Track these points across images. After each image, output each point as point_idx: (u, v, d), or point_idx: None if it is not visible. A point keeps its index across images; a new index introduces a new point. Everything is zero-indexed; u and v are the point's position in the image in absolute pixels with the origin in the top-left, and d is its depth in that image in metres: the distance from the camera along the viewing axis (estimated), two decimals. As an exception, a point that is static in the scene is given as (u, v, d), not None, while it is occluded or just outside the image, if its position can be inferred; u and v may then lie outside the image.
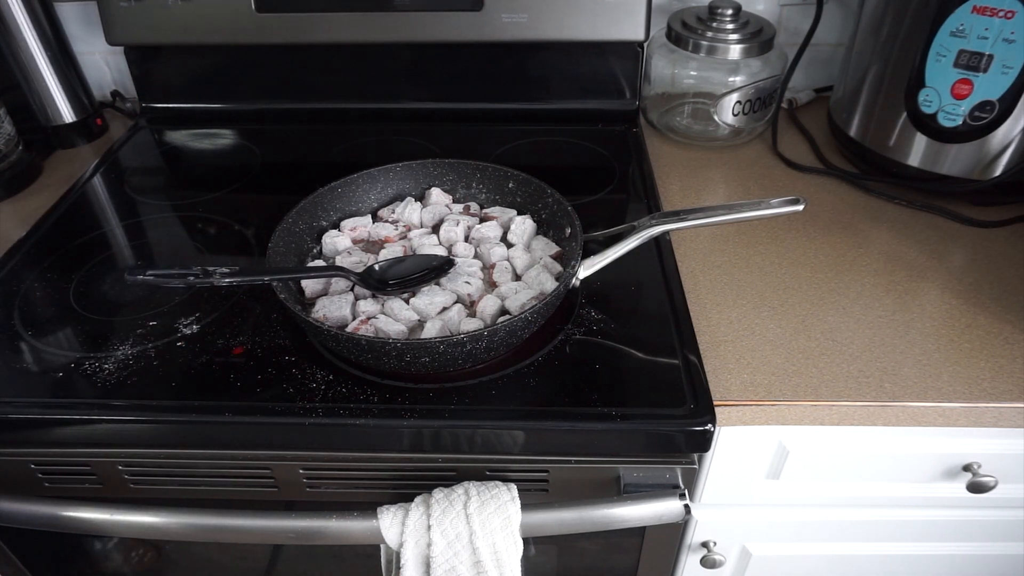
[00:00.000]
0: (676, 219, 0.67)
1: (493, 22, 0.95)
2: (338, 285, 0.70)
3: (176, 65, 1.06)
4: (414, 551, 0.61)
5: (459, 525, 0.60)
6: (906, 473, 0.72)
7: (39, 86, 1.00)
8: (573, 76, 1.03)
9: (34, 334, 0.70)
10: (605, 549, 0.77)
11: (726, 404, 0.63)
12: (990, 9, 0.73)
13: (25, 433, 0.65)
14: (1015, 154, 0.79)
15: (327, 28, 0.97)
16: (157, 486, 0.69)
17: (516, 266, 0.72)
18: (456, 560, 0.61)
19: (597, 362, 0.65)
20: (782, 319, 0.71)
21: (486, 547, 0.60)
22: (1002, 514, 0.76)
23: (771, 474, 0.72)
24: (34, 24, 0.96)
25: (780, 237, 0.82)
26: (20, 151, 0.96)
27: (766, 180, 0.93)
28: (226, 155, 1.01)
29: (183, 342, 0.68)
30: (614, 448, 0.63)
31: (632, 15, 0.94)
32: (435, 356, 0.59)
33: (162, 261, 0.82)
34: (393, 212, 0.80)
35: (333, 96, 1.06)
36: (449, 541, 0.60)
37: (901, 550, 0.81)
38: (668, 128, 1.03)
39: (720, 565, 0.77)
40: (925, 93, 0.80)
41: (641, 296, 0.72)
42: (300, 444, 0.64)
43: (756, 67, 0.94)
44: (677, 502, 0.63)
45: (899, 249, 0.80)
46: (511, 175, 0.79)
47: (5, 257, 0.81)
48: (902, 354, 0.67)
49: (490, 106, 1.05)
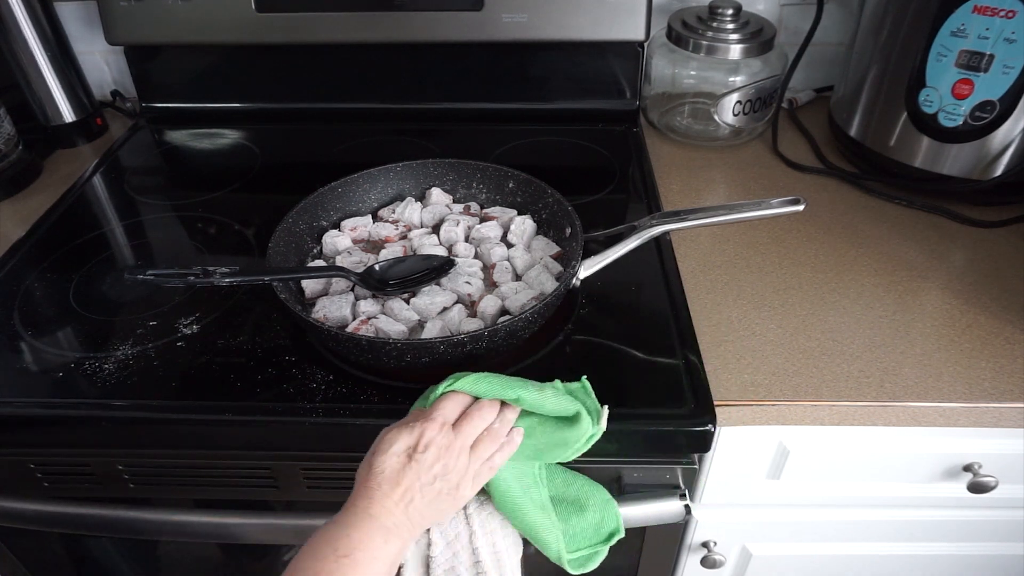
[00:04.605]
0: (676, 219, 0.67)
1: (493, 22, 0.95)
2: (338, 285, 0.70)
3: (176, 65, 1.06)
4: (414, 551, 0.61)
5: (458, 525, 0.60)
6: (906, 473, 0.72)
7: (39, 86, 1.00)
8: (573, 76, 1.03)
9: (34, 334, 0.70)
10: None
11: (726, 404, 0.63)
12: (991, 9, 0.73)
13: (25, 433, 0.65)
14: (1016, 154, 0.79)
15: (327, 28, 0.97)
16: (157, 486, 0.69)
17: (516, 266, 0.71)
18: (456, 560, 0.61)
19: (597, 362, 0.65)
20: (782, 319, 0.71)
21: (486, 547, 0.60)
22: (1002, 514, 0.76)
23: (771, 474, 0.72)
24: (34, 24, 0.96)
25: (780, 237, 0.82)
26: (20, 151, 0.96)
27: (766, 180, 0.93)
28: (226, 155, 1.01)
29: (183, 342, 0.68)
30: (614, 448, 0.63)
31: (632, 15, 0.94)
32: (435, 356, 0.59)
33: (162, 261, 0.82)
34: (393, 212, 0.80)
35: (333, 96, 1.06)
36: (448, 541, 0.60)
37: (901, 550, 0.81)
38: (668, 128, 1.02)
39: (720, 565, 0.77)
40: (926, 93, 0.80)
41: (641, 296, 0.72)
42: (300, 444, 0.64)
43: (756, 67, 0.94)
44: (677, 502, 0.63)
45: (899, 249, 0.80)
46: (511, 175, 0.79)
47: (5, 257, 0.81)
48: (902, 354, 0.67)
49: (490, 106, 1.05)
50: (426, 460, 0.51)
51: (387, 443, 0.52)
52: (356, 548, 0.48)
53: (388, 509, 0.50)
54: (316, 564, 0.47)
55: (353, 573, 0.47)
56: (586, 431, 0.56)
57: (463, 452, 0.53)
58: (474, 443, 0.54)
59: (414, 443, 0.52)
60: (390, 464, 0.51)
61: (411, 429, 0.52)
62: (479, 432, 0.55)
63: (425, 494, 0.51)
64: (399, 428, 0.52)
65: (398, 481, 0.51)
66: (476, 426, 0.55)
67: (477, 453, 0.54)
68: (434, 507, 0.52)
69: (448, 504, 0.53)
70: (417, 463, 0.51)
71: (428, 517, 0.53)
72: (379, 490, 0.50)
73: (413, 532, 0.52)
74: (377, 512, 0.50)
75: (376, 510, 0.50)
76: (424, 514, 0.52)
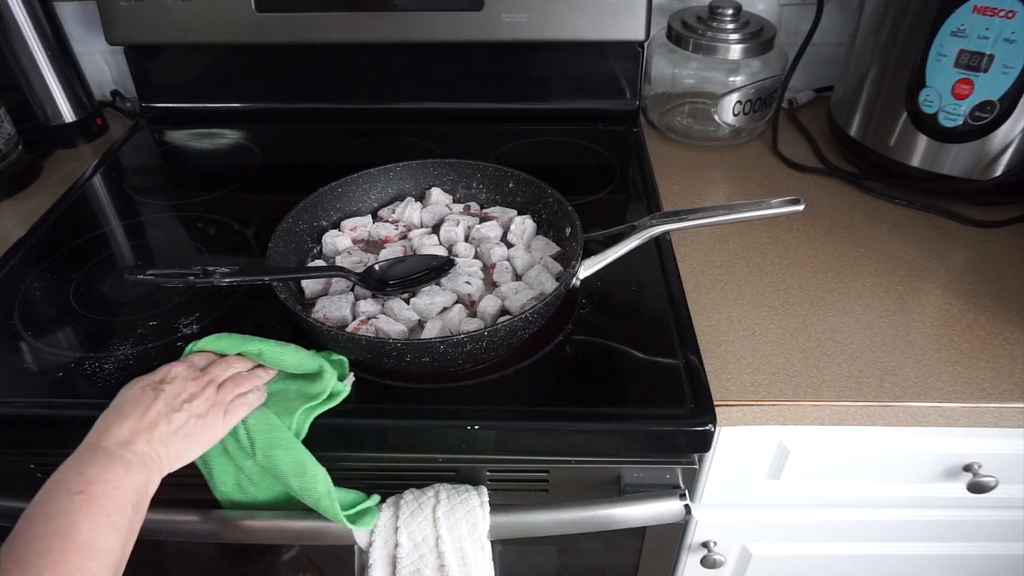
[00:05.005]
0: (676, 219, 0.67)
1: (493, 22, 0.95)
2: (338, 285, 0.70)
3: (176, 65, 1.06)
4: (382, 551, 0.61)
5: (426, 528, 0.60)
6: (906, 473, 0.72)
7: (39, 86, 1.00)
8: (573, 76, 1.03)
9: (34, 334, 0.70)
10: (605, 549, 0.77)
11: (726, 404, 0.63)
12: (991, 9, 0.73)
13: (25, 433, 0.65)
14: (1015, 154, 0.79)
15: (327, 28, 0.97)
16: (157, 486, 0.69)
17: (516, 266, 0.72)
18: (421, 563, 0.61)
19: (597, 362, 0.65)
20: (782, 319, 0.71)
21: (452, 552, 0.60)
22: (1002, 514, 0.76)
23: (771, 474, 0.72)
24: (34, 24, 0.96)
25: (780, 237, 0.82)
26: (20, 151, 0.96)
27: (766, 180, 0.93)
28: (226, 155, 1.01)
29: (183, 342, 0.68)
30: (614, 448, 0.63)
31: (632, 15, 0.94)
32: (435, 356, 0.59)
33: (162, 261, 0.82)
34: (393, 212, 0.80)
35: (333, 96, 1.06)
36: (416, 543, 0.60)
37: (901, 550, 0.81)
38: (668, 128, 1.03)
39: (720, 565, 0.77)
40: (926, 93, 0.80)
41: (641, 296, 0.72)
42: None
43: (756, 67, 0.94)
44: (677, 502, 0.63)
45: (899, 249, 0.80)
46: (511, 175, 0.79)
47: (5, 257, 0.81)
48: (902, 354, 0.67)
49: (490, 106, 1.05)
50: (172, 389, 0.52)
51: (129, 384, 0.53)
52: (92, 482, 0.46)
53: (128, 440, 0.49)
54: (47, 508, 0.45)
55: (92, 507, 0.45)
56: (328, 384, 0.59)
57: (211, 385, 0.54)
58: (222, 384, 0.56)
59: (159, 379, 0.53)
60: (130, 394, 0.52)
61: (155, 372, 0.54)
62: (227, 375, 0.56)
63: (172, 421, 0.51)
64: (141, 377, 0.54)
65: (143, 412, 0.50)
66: (224, 369, 0.56)
67: (225, 388, 0.55)
68: (182, 435, 0.52)
69: (198, 433, 0.53)
70: (163, 392, 0.52)
71: (176, 447, 0.52)
72: (116, 423, 0.50)
73: (161, 464, 0.51)
74: (112, 446, 0.49)
75: (111, 443, 0.49)
76: (170, 444, 0.51)
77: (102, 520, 0.45)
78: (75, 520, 0.44)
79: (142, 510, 0.49)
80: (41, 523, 0.44)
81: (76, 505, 0.44)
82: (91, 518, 0.44)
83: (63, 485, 0.46)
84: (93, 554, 0.43)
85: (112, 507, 0.46)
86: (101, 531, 0.44)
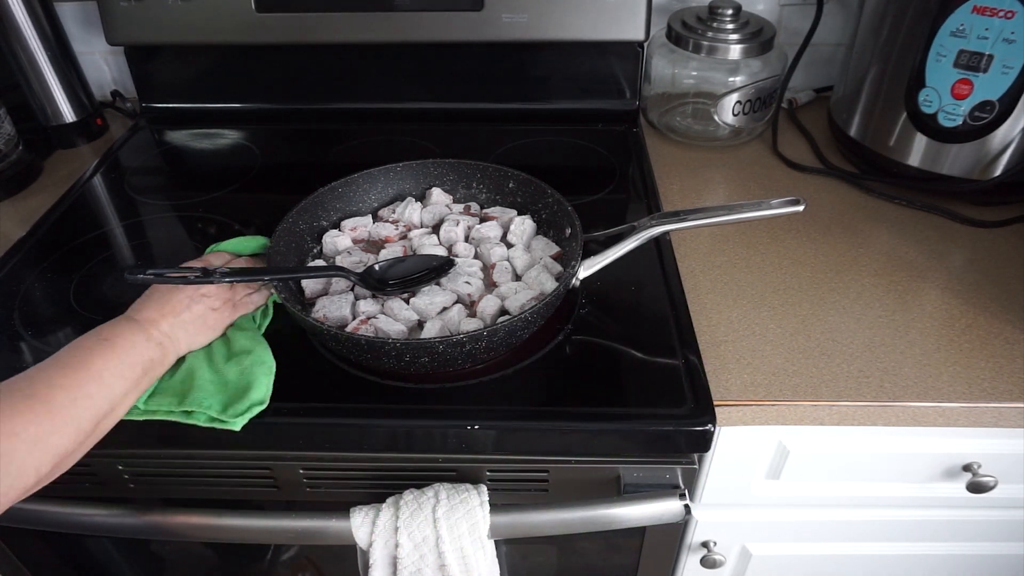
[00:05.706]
0: (676, 219, 0.67)
1: (493, 22, 0.95)
2: (338, 285, 0.70)
3: (176, 65, 1.06)
4: (383, 552, 0.61)
5: (426, 528, 0.60)
6: (906, 473, 0.72)
7: (39, 86, 1.00)
8: (573, 76, 1.03)
9: (34, 334, 0.70)
10: (605, 549, 0.77)
11: (726, 404, 0.63)
12: (990, 9, 0.73)
13: (25, 433, 0.65)
14: (1015, 154, 0.79)
15: (327, 28, 0.97)
16: (157, 486, 0.69)
17: (516, 266, 0.72)
18: (422, 563, 0.61)
19: (597, 362, 0.65)
20: (782, 319, 0.71)
21: (452, 551, 0.60)
22: (1002, 514, 0.76)
23: (771, 474, 0.72)
24: (34, 24, 0.96)
25: (780, 237, 0.82)
26: (20, 151, 0.96)
27: (766, 180, 0.93)
28: (226, 155, 1.01)
29: (183, 342, 0.68)
30: (614, 448, 0.63)
31: (632, 15, 0.94)
32: (435, 356, 0.59)
33: (162, 261, 0.82)
34: (393, 212, 0.80)
35: (333, 96, 1.07)
36: (416, 544, 0.60)
37: (901, 550, 0.81)
38: (668, 128, 1.03)
39: (720, 565, 0.78)
40: (925, 93, 0.80)
41: (641, 296, 0.72)
42: (299, 444, 0.64)
43: (756, 67, 0.94)
44: (677, 502, 0.63)
45: (899, 249, 0.80)
46: (511, 175, 0.79)
47: (5, 257, 0.81)
48: (902, 354, 0.67)
49: (490, 106, 1.05)
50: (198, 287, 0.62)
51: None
52: (118, 336, 0.56)
53: (154, 319, 0.59)
54: (78, 340, 0.55)
55: (110, 351, 0.54)
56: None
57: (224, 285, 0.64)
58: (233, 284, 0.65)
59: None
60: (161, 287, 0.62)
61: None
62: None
63: (192, 309, 0.61)
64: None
65: (169, 299, 0.61)
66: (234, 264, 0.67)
67: (236, 288, 0.66)
68: (199, 323, 0.62)
69: (212, 321, 0.63)
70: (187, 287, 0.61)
71: (193, 331, 0.62)
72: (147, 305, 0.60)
73: (178, 345, 0.61)
74: (143, 319, 0.59)
75: (141, 317, 0.59)
76: (188, 328, 0.61)
77: (114, 362, 0.54)
78: (93, 352, 0.54)
79: (149, 378, 0.58)
80: (69, 349, 0.54)
81: (99, 345, 0.55)
82: (107, 357, 0.54)
83: (95, 332, 0.56)
84: (98, 382, 0.53)
85: (127, 358, 0.55)
86: (111, 370, 0.54)
